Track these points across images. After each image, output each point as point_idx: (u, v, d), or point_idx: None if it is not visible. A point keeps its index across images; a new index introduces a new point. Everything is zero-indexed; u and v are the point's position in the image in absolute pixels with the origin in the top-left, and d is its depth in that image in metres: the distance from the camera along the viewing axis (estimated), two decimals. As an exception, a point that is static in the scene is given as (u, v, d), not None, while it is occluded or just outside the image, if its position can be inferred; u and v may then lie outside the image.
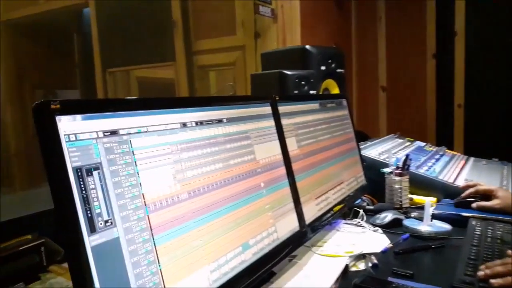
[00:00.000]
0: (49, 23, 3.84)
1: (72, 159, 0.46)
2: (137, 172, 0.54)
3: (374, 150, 1.49)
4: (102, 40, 3.00)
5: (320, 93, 1.64)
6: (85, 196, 0.46)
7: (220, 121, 0.73)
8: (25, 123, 4.03)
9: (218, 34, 2.61)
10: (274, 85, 1.46)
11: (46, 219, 0.74)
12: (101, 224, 0.47)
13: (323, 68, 1.65)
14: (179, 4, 2.63)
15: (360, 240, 0.99)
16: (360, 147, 1.39)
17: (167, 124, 0.61)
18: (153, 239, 0.53)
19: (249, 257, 0.69)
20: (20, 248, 0.71)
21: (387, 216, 1.13)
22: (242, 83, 2.54)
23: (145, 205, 0.53)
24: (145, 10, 2.79)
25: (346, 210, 1.15)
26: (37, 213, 0.72)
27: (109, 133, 0.52)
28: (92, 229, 0.46)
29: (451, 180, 1.35)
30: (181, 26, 2.64)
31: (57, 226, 0.46)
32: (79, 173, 0.47)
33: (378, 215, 1.15)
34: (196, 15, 2.67)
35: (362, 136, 1.95)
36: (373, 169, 1.35)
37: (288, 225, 0.82)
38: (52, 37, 4.15)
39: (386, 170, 1.28)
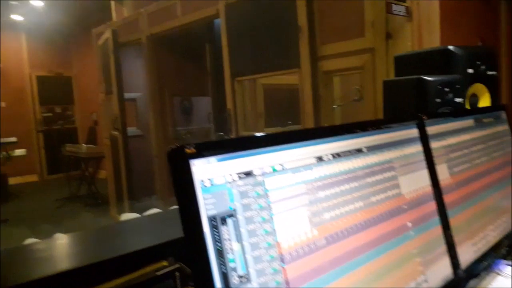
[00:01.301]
0: (185, 35, 4.17)
1: (207, 207, 0.43)
2: (272, 217, 0.49)
3: (540, 171, 1.23)
4: (231, 49, 3.12)
5: (467, 100, 1.43)
6: (219, 248, 0.43)
7: (359, 150, 0.64)
8: (165, 127, 4.46)
9: (345, 37, 2.49)
10: (411, 93, 1.30)
11: (182, 245, 0.74)
12: (235, 280, 0.43)
13: (470, 71, 1.43)
14: (305, 9, 2.58)
15: (530, 291, 0.80)
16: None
17: (302, 159, 0.55)
18: (289, 294, 0.47)
19: (395, 313, 0.59)
20: (157, 274, 0.73)
21: None
22: (371, 88, 2.38)
23: (281, 255, 0.48)
24: (272, 18, 2.81)
25: (509, 248, 0.95)
26: (174, 240, 0.72)
27: (243, 175, 0.48)
28: (227, 286, 0.42)
29: None
30: (306, 32, 2.59)
31: (194, 278, 0.43)
32: (214, 223, 0.43)
33: (551, 257, 0.93)
34: (322, 19, 2.59)
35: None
36: (541, 195, 1.10)
37: (440, 272, 0.69)
38: (187, 47, 4.51)
39: (561, 199, 1.03)
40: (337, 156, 0.60)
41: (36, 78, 7.82)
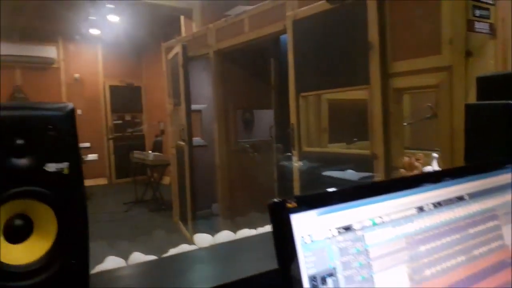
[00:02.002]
0: (250, 50, 4.23)
1: (307, 266, 0.41)
2: (372, 276, 0.46)
3: None
4: (297, 65, 3.11)
5: None
6: (320, 310, 0.41)
7: (460, 198, 0.59)
8: (228, 139, 4.54)
9: (419, 53, 2.38)
10: (499, 120, 1.21)
11: (258, 281, 0.73)
12: None
13: None
14: (377, 25, 2.51)
15: None
16: None
17: (402, 210, 0.52)
18: None
19: None
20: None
21: None
22: (447, 108, 2.25)
23: (381, 318, 0.45)
24: (340, 34, 2.76)
25: None
26: (253, 275, 0.71)
27: (343, 230, 0.45)
28: None
29: None
30: (377, 48, 2.52)
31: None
32: (314, 283, 0.41)
33: None
34: (394, 35, 2.50)
35: None
36: None
37: (550, 337, 0.62)
38: (252, 61, 4.58)
39: None
40: (438, 205, 0.56)
41: (109, 87, 8.35)
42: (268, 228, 1.34)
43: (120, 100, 8.39)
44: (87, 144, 6.71)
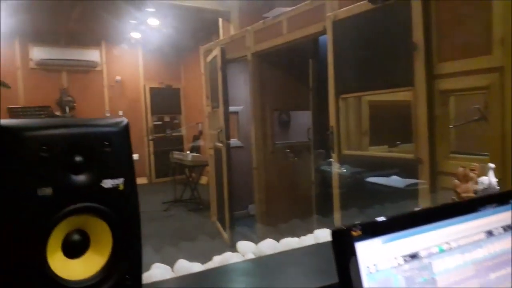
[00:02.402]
0: (289, 51, 4.20)
1: (372, 297, 0.39)
2: (440, 307, 0.43)
3: None
4: (337, 66, 3.05)
5: None
6: None
7: (532, 220, 0.55)
8: (265, 141, 4.53)
9: (467, 54, 2.28)
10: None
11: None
12: None
13: None
14: (421, 24, 2.42)
15: None
16: None
17: (470, 235, 0.48)
18: None
19: None
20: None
21: None
22: (498, 111, 2.14)
23: None
24: (383, 34, 2.69)
25: None
26: None
27: (409, 258, 0.43)
28: None
29: None
30: (422, 48, 2.43)
31: None
32: (380, 315, 0.39)
33: None
34: (440, 35, 2.41)
35: None
36: None
37: None
38: (290, 62, 4.54)
39: None
40: (508, 228, 0.52)
41: (149, 89, 8.56)
42: (311, 237, 1.32)
43: (160, 101, 8.59)
44: (128, 145, 6.89)
